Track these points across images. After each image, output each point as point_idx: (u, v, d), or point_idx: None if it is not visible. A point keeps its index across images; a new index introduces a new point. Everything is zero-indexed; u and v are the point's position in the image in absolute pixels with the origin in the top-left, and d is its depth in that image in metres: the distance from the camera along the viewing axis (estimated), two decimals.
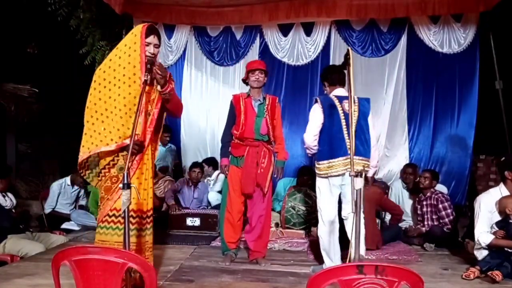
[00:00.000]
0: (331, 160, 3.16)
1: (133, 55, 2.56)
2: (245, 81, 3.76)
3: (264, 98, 3.72)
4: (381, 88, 5.56)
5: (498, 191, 3.41)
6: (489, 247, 3.32)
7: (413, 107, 5.51)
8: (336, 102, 3.22)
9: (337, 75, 3.35)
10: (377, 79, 5.56)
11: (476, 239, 3.40)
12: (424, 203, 4.49)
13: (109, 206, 2.61)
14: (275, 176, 3.70)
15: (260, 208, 3.69)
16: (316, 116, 3.25)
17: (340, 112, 3.18)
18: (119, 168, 2.61)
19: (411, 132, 5.53)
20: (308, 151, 3.42)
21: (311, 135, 3.25)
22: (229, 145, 3.73)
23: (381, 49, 5.53)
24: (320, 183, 3.29)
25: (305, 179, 5.02)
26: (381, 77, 5.56)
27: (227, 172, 3.72)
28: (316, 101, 3.31)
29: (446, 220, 4.31)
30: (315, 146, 3.27)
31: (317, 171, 3.28)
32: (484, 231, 3.36)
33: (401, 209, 4.68)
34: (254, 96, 3.71)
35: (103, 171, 2.64)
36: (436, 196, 4.41)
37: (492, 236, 3.30)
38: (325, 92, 3.46)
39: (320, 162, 3.23)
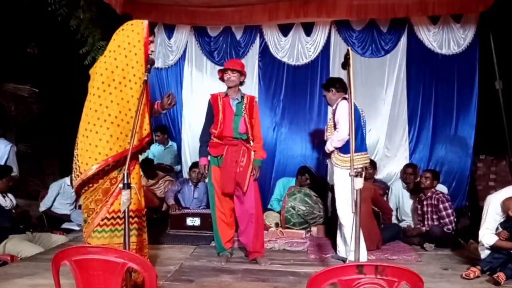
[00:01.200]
0: (362, 153, 3.59)
1: (139, 53, 2.56)
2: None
3: (242, 97, 3.75)
4: (381, 89, 5.54)
5: (511, 192, 3.40)
6: (492, 248, 3.32)
7: (413, 107, 5.49)
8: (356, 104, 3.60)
9: (343, 84, 3.81)
10: (377, 79, 5.54)
11: (479, 239, 3.39)
12: (425, 203, 4.49)
13: (106, 208, 2.59)
14: (252, 175, 3.68)
15: (247, 207, 3.67)
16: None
17: (361, 113, 3.73)
18: (119, 169, 2.60)
19: (411, 132, 5.51)
20: (338, 144, 3.62)
21: (348, 129, 3.44)
22: (208, 144, 3.74)
23: (381, 49, 5.51)
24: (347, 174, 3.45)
25: (304, 179, 5.11)
26: (381, 78, 5.54)
27: (206, 172, 3.73)
28: (345, 98, 3.63)
29: (447, 220, 4.30)
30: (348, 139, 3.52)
31: (345, 164, 3.54)
32: (488, 232, 3.35)
33: (391, 209, 4.78)
34: (231, 95, 3.74)
35: (101, 172, 2.59)
36: (436, 196, 4.40)
37: (496, 238, 3.29)
38: (328, 97, 3.90)
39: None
